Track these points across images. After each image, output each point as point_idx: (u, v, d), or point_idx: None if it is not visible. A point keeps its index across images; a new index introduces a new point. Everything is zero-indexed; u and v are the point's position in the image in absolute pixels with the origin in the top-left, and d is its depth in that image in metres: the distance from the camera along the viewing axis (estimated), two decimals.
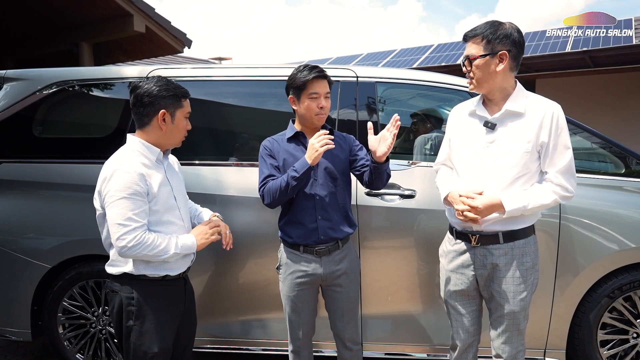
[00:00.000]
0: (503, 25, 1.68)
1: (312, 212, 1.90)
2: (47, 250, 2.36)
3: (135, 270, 1.71)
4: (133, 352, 1.72)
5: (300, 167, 1.80)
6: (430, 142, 2.52)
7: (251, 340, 2.42)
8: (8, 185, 2.43)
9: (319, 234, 1.90)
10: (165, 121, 1.72)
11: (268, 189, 1.87)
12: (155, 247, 1.64)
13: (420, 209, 2.24)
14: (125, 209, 1.61)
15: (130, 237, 1.60)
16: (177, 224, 1.78)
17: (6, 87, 2.55)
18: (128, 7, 5.99)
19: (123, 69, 2.59)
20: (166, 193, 1.75)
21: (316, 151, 1.77)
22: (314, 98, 1.86)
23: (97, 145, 2.48)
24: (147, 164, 1.72)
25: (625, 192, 2.30)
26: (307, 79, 1.84)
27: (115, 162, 1.68)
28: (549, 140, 1.67)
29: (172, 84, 1.74)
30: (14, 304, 2.43)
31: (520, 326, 1.78)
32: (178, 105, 1.73)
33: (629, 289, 2.20)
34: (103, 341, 2.46)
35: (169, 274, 1.76)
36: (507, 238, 1.73)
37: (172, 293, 1.80)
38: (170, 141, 1.78)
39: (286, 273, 1.97)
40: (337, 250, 1.94)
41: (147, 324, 1.71)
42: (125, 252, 1.62)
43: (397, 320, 2.35)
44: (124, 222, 1.60)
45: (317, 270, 1.92)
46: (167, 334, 1.75)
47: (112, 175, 1.64)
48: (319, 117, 1.89)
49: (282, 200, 1.87)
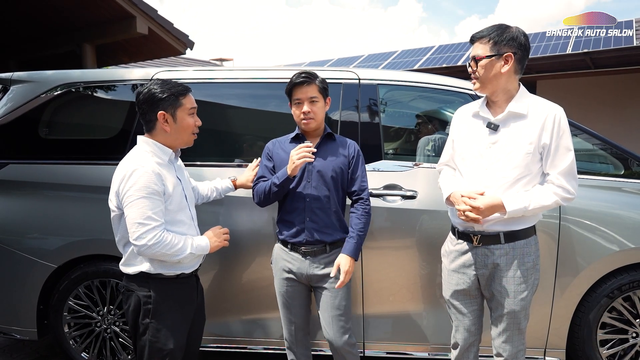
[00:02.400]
0: (510, 29, 1.71)
1: (302, 213, 1.95)
2: (53, 250, 2.39)
3: (153, 270, 1.73)
4: (149, 349, 1.74)
5: (281, 175, 1.90)
6: (433, 144, 2.54)
7: (252, 340, 2.44)
8: (15, 186, 2.46)
9: (305, 235, 1.95)
10: (168, 122, 1.74)
11: (257, 190, 2.02)
12: (174, 247, 1.68)
13: (422, 209, 2.27)
14: (145, 208, 1.63)
15: (151, 236, 1.63)
16: (186, 223, 1.82)
17: (13, 89, 2.58)
18: (131, 9, 6.01)
19: (128, 71, 2.61)
20: (179, 193, 1.78)
21: (293, 163, 1.85)
22: (297, 104, 1.95)
23: (102, 146, 2.51)
24: (161, 163, 1.74)
25: (625, 194, 2.32)
26: (290, 86, 1.96)
27: (132, 162, 1.69)
28: (551, 142, 1.69)
29: (168, 84, 1.75)
30: (20, 304, 2.45)
31: (520, 325, 1.80)
32: (177, 105, 1.74)
33: (629, 289, 2.22)
34: (108, 340, 2.49)
35: (184, 272, 1.79)
36: (508, 238, 1.76)
37: (186, 290, 1.84)
38: (179, 141, 1.80)
39: (276, 268, 2.05)
40: (324, 254, 1.97)
41: (164, 321, 1.74)
42: (145, 250, 1.64)
43: (398, 320, 2.37)
44: (143, 221, 1.63)
45: (301, 270, 1.97)
46: (182, 331, 1.79)
47: (132, 175, 1.65)
48: (303, 122, 1.95)
49: (268, 201, 1.99)
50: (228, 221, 2.31)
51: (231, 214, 2.35)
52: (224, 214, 2.34)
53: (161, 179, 1.69)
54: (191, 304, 1.85)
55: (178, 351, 1.76)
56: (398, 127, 2.81)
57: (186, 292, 1.83)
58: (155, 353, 1.74)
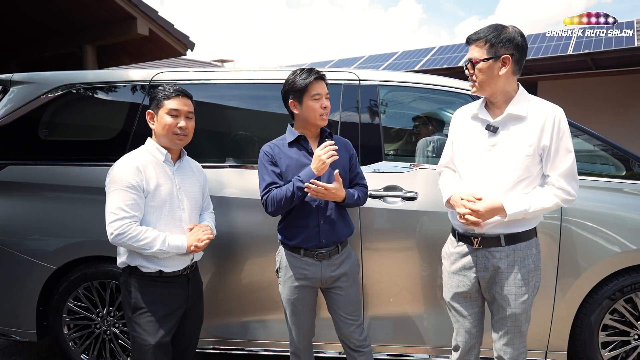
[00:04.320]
0: (506, 29, 1.69)
1: (315, 216, 1.92)
2: (52, 252, 2.38)
3: (131, 260, 1.81)
4: (132, 342, 1.83)
5: (306, 177, 1.83)
6: (432, 145, 2.54)
7: (253, 341, 2.43)
8: (14, 187, 2.45)
9: (321, 237, 1.92)
10: (153, 121, 1.89)
11: (272, 198, 1.87)
12: (140, 240, 1.73)
13: (423, 211, 2.26)
14: (117, 199, 1.74)
15: (117, 226, 1.71)
16: (174, 224, 1.84)
17: (13, 90, 2.58)
18: (132, 10, 6.02)
19: (128, 72, 2.61)
20: (165, 192, 1.82)
21: (323, 163, 1.82)
22: (317, 99, 1.90)
23: (102, 147, 2.51)
24: (152, 162, 1.84)
25: (627, 195, 2.31)
26: (308, 81, 1.89)
27: (121, 158, 1.85)
28: (551, 143, 1.67)
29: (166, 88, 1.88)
30: (19, 305, 2.45)
31: (522, 328, 1.79)
32: (160, 105, 1.86)
33: (630, 291, 2.21)
34: (107, 342, 2.48)
35: (163, 270, 1.82)
36: (509, 241, 1.75)
37: (171, 289, 1.86)
38: (162, 140, 1.88)
39: (286, 276, 1.98)
40: (337, 254, 1.97)
41: (144, 317, 1.80)
42: (113, 239, 1.73)
43: (399, 322, 2.36)
44: (114, 211, 1.73)
45: (316, 274, 1.94)
46: (163, 329, 1.81)
47: (113, 169, 1.81)
48: (322, 117, 1.93)
49: (287, 208, 1.89)
50: (227, 222, 2.31)
51: (230, 216, 2.34)
52: (223, 215, 2.33)
53: (141, 174, 1.78)
54: (177, 303, 1.87)
55: (160, 348, 1.79)
56: (398, 128, 2.80)
57: (170, 292, 1.86)
58: (136, 347, 1.81)
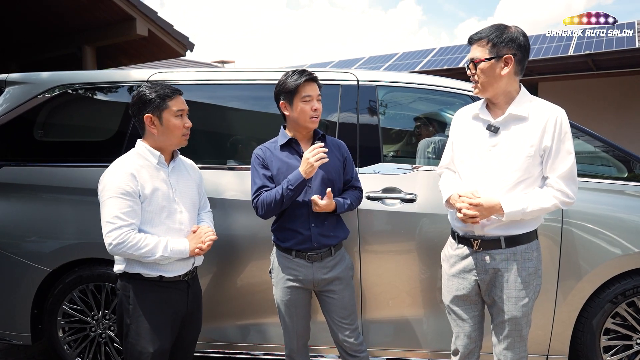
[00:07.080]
0: (509, 29, 1.67)
1: (306, 220, 1.90)
2: (47, 254, 2.36)
3: (130, 269, 1.74)
4: (130, 351, 1.75)
5: (294, 179, 1.82)
6: (433, 146, 2.51)
7: (250, 345, 2.41)
8: (9, 189, 2.43)
9: (312, 241, 1.90)
10: (155, 124, 1.76)
11: (262, 201, 1.87)
12: (141, 248, 1.66)
13: (422, 213, 2.23)
14: (113, 208, 1.66)
15: (115, 235, 1.64)
16: (174, 227, 1.78)
17: (8, 90, 2.56)
18: (131, 11, 6.01)
19: (124, 72, 2.59)
20: (162, 195, 1.76)
21: (311, 165, 1.79)
22: (307, 101, 1.88)
23: (98, 148, 2.49)
24: (145, 165, 1.76)
25: (628, 196, 2.28)
26: (299, 82, 1.86)
27: (113, 163, 1.76)
28: (552, 145, 1.65)
29: (155, 88, 1.77)
30: (14, 308, 2.42)
31: (522, 332, 1.76)
32: (163, 107, 1.75)
33: (632, 295, 2.18)
34: (102, 345, 2.45)
35: (164, 275, 1.76)
36: (509, 243, 1.72)
37: (171, 295, 1.80)
38: (168, 142, 1.80)
39: (278, 277, 1.98)
40: (329, 257, 1.95)
41: (142, 324, 1.73)
42: (112, 249, 1.66)
43: (398, 325, 2.33)
44: (110, 220, 1.66)
45: (307, 276, 1.92)
46: (163, 336, 1.76)
47: (104, 176, 1.72)
48: (312, 120, 1.90)
49: (277, 211, 1.89)
50: (225, 224, 2.28)
51: (228, 218, 2.31)
52: (220, 217, 2.30)
53: (136, 180, 1.70)
54: (176, 309, 1.81)
55: (159, 356, 1.74)
56: (397, 129, 2.78)
57: (170, 297, 1.80)
58: (135, 355, 1.74)
